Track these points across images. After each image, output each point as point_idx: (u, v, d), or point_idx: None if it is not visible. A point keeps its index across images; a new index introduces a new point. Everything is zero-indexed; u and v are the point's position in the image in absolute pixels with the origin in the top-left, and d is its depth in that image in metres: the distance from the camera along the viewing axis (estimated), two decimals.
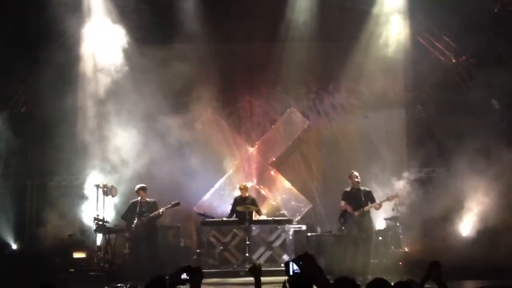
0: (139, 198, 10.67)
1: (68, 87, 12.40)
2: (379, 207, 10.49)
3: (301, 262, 3.93)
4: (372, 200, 10.43)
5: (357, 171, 10.62)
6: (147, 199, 10.70)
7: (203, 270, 4.32)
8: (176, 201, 10.72)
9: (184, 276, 4.04)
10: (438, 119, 12.97)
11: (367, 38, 13.00)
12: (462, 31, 12.15)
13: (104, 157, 12.30)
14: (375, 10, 12.91)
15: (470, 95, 12.98)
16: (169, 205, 10.64)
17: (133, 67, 13.00)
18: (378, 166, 12.90)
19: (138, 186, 10.83)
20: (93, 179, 12.21)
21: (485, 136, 11.81)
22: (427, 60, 13.09)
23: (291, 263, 3.96)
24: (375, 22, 12.95)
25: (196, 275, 4.09)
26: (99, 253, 11.77)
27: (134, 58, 13.03)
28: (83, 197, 12.39)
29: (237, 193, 12.60)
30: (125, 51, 12.90)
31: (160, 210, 10.50)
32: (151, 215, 10.48)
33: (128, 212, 10.71)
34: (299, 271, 3.92)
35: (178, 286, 4.20)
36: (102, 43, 12.85)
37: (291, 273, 3.94)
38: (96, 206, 11.88)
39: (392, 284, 4.07)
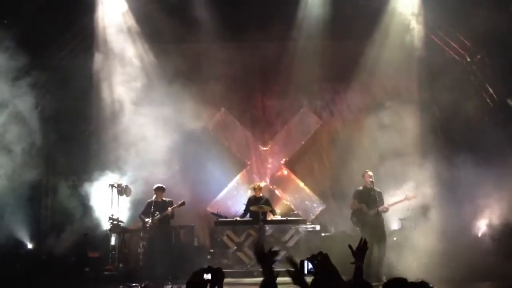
0: (154, 197, 10.72)
1: (82, 88, 12.48)
2: (402, 200, 10.47)
3: (315, 261, 3.92)
4: (382, 201, 10.39)
5: (371, 171, 10.57)
6: (164, 199, 10.76)
7: None
8: (182, 201, 10.75)
9: (206, 276, 4.05)
10: (452, 119, 12.86)
11: (381, 37, 12.93)
12: (477, 30, 12.04)
13: (119, 157, 12.35)
14: (389, 8, 12.84)
15: (485, 95, 12.89)
16: (175, 205, 10.68)
17: (146, 67, 13.07)
18: (392, 166, 12.79)
19: (155, 186, 10.91)
20: (108, 179, 12.27)
21: (500, 136, 11.69)
22: (442, 59, 12.98)
23: (305, 262, 3.95)
24: (389, 20, 12.88)
25: (218, 276, 4.10)
26: (113, 252, 11.85)
27: (147, 57, 13.11)
28: (97, 197, 12.43)
29: (250, 193, 12.60)
30: (138, 50, 12.98)
31: (168, 210, 10.55)
32: (161, 215, 10.54)
33: (144, 211, 10.79)
34: (313, 269, 3.91)
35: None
36: (116, 43, 12.93)
37: (305, 271, 3.93)
38: (111, 205, 11.96)
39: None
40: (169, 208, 10.68)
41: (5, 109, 11.27)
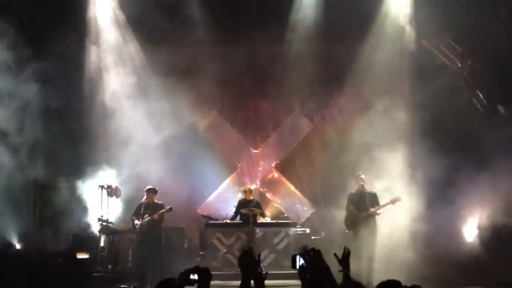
0: (144, 198, 10.64)
1: (74, 86, 12.45)
2: (388, 203, 10.43)
3: (307, 257, 3.91)
4: (377, 203, 10.39)
5: (363, 174, 10.60)
6: (156, 201, 10.65)
7: None
8: (169, 207, 10.63)
9: (193, 276, 4.01)
10: (443, 123, 12.92)
11: (374, 40, 12.98)
12: (468, 36, 12.14)
13: (110, 156, 12.28)
14: (382, 12, 12.91)
15: (475, 100, 12.97)
16: (163, 210, 10.57)
17: (137, 68, 13.04)
18: (383, 170, 12.81)
19: (147, 187, 10.80)
20: (97, 180, 12.19)
21: (491, 141, 11.76)
22: (433, 64, 13.06)
23: (297, 257, 3.94)
24: (382, 24, 12.94)
25: (205, 276, 4.07)
26: (102, 254, 11.76)
27: (138, 59, 13.07)
28: (87, 198, 12.35)
29: (241, 195, 12.56)
30: (130, 49, 12.97)
31: (156, 215, 10.45)
32: (150, 218, 10.44)
33: (135, 212, 10.70)
34: (305, 265, 3.90)
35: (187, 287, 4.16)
36: (108, 43, 12.91)
37: (297, 266, 3.92)
38: (100, 207, 11.87)
39: None
40: (158, 212, 10.56)
41: None
